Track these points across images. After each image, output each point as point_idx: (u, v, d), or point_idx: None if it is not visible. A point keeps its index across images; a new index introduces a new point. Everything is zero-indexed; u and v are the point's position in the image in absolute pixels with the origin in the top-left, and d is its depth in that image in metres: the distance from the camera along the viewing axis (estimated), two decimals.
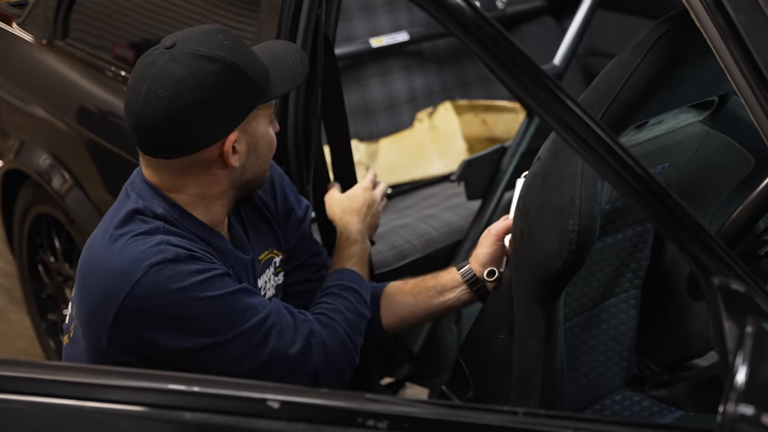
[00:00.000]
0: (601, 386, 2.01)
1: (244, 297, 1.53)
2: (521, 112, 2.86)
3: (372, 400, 1.05)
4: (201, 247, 1.53)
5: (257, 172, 1.61)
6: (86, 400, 1.05)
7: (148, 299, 1.45)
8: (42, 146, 2.63)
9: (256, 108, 1.54)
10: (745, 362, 0.90)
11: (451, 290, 1.80)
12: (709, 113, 1.74)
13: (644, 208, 1.03)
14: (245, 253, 1.66)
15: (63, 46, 2.58)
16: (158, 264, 1.45)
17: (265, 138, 1.59)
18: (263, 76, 1.54)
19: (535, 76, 1.03)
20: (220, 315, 1.49)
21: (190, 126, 1.48)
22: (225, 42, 1.51)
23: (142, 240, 1.48)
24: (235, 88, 1.49)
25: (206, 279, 1.48)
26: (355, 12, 2.95)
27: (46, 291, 2.94)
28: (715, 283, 0.99)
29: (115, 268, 1.47)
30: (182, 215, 1.55)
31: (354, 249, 1.85)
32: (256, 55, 1.56)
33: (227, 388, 1.07)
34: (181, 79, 1.46)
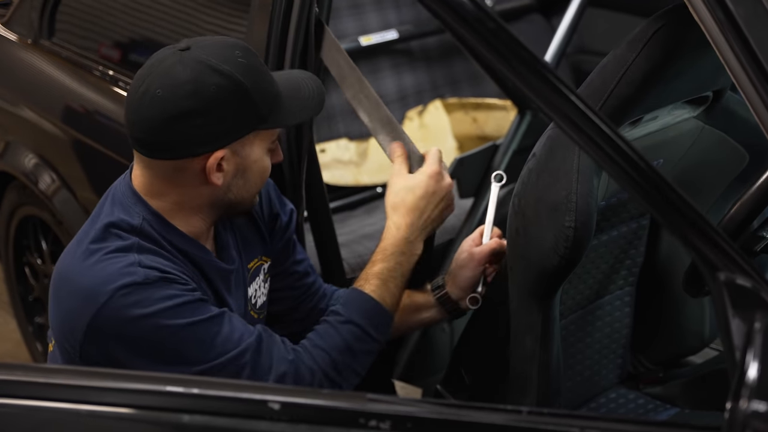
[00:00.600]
0: (596, 384, 2.00)
1: (217, 327, 1.47)
2: (512, 109, 2.85)
3: (374, 400, 1.03)
4: (177, 267, 1.49)
5: (243, 196, 1.55)
6: (81, 403, 1.03)
7: (113, 324, 1.42)
8: (28, 147, 2.60)
9: (254, 132, 1.49)
10: (756, 358, 0.89)
11: (426, 310, 1.80)
12: (704, 109, 1.74)
13: (647, 202, 1.02)
14: (230, 263, 1.63)
15: (49, 46, 2.55)
16: (126, 287, 1.42)
17: (258, 164, 1.53)
18: (270, 101, 1.49)
19: (536, 69, 1.01)
20: (187, 345, 1.45)
21: (177, 132, 1.45)
22: (239, 59, 1.47)
23: (114, 259, 1.45)
24: (234, 107, 1.45)
25: (176, 306, 1.43)
26: (343, 10, 2.94)
27: (33, 294, 2.91)
28: (721, 279, 0.98)
29: (83, 287, 1.44)
30: (162, 224, 1.52)
31: (384, 265, 1.64)
32: (271, 80, 1.51)
33: (227, 389, 1.06)
34: (181, 84, 1.43)
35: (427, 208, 1.66)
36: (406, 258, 1.65)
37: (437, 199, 1.67)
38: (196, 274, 1.55)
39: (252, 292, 1.71)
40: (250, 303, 1.71)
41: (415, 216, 1.65)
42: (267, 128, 1.50)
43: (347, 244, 2.38)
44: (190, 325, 1.44)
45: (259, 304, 1.74)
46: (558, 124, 1.02)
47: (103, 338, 1.44)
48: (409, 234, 1.65)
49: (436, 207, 1.67)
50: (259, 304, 1.74)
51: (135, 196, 1.52)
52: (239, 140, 1.48)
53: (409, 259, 1.66)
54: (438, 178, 1.66)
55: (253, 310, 1.72)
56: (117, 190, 1.55)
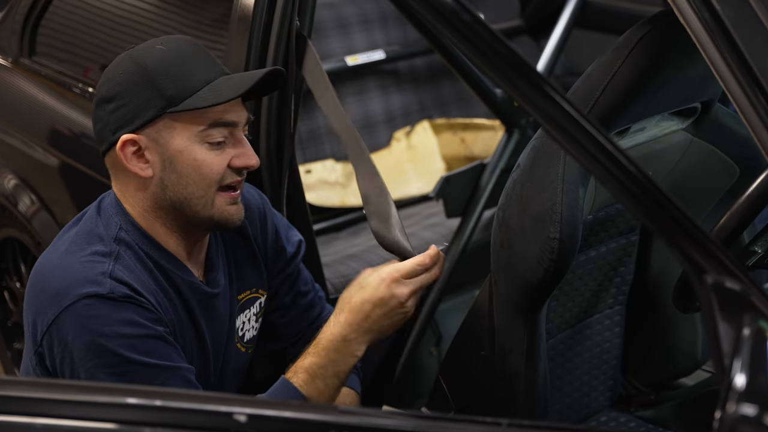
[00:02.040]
0: (586, 406, 1.95)
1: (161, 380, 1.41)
2: (500, 129, 2.82)
3: (346, 412, 0.98)
4: (149, 287, 1.46)
5: (183, 194, 1.48)
6: (36, 416, 0.97)
7: (68, 329, 1.40)
8: (7, 168, 2.56)
9: (169, 117, 1.45)
10: (745, 362, 0.84)
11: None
12: (693, 121, 1.70)
13: (632, 204, 0.97)
14: (213, 287, 1.59)
15: (29, 64, 2.51)
16: (89, 297, 1.40)
17: (185, 155, 1.46)
18: (183, 85, 1.45)
19: (515, 63, 0.98)
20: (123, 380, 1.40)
21: (97, 120, 1.50)
22: (158, 46, 1.50)
23: (88, 263, 1.44)
24: (138, 89, 1.45)
25: (131, 336, 1.40)
26: (330, 30, 2.92)
27: (12, 318, 2.84)
28: (709, 282, 0.94)
29: (53, 287, 1.43)
30: (139, 235, 1.51)
31: (314, 360, 1.50)
32: (198, 67, 1.47)
33: (191, 401, 1.00)
34: (102, 76, 1.50)
35: (372, 312, 1.48)
36: (341, 357, 1.49)
37: (386, 308, 1.48)
38: (170, 292, 1.52)
39: (240, 324, 1.67)
40: (237, 335, 1.67)
41: (358, 317, 1.48)
42: (178, 111, 1.45)
43: (331, 264, 2.34)
44: (134, 364, 1.41)
45: (247, 338, 1.70)
46: (537, 118, 0.98)
47: (58, 340, 1.41)
48: (347, 333, 1.49)
49: (385, 315, 1.48)
50: (248, 337, 1.70)
51: (117, 206, 1.52)
52: (151, 125, 1.46)
53: (345, 359, 1.49)
54: (391, 284, 1.47)
55: (240, 343, 1.68)
56: (106, 197, 1.56)
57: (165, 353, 1.44)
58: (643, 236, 1.88)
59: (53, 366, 1.44)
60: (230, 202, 1.51)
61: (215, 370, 1.62)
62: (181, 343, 1.51)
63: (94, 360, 1.39)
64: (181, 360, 1.47)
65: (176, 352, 1.47)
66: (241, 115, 1.51)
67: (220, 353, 1.63)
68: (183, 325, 1.53)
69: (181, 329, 1.53)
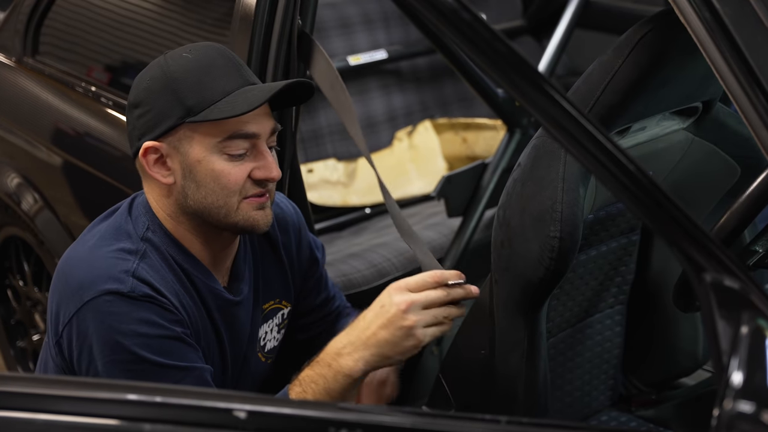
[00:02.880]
0: (587, 406, 1.95)
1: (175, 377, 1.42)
2: (502, 129, 2.82)
3: (345, 408, 0.98)
4: (172, 288, 1.47)
5: (203, 204, 1.47)
6: (36, 412, 0.97)
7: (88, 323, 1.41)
8: (10, 166, 2.57)
9: (188, 127, 1.45)
10: (742, 360, 0.85)
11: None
12: (694, 120, 1.70)
13: (630, 201, 0.97)
14: (236, 295, 1.59)
15: (33, 64, 2.52)
16: (110, 294, 1.40)
17: (204, 165, 1.45)
18: (203, 95, 1.44)
19: (515, 62, 0.98)
20: (138, 376, 1.41)
21: (128, 124, 1.52)
22: (185, 54, 1.49)
23: (113, 259, 1.45)
24: (160, 97, 1.46)
25: (149, 336, 1.41)
26: (332, 30, 2.92)
27: (15, 317, 2.85)
28: (707, 280, 0.94)
29: (77, 279, 1.44)
30: (165, 237, 1.52)
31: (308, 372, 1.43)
32: (220, 77, 1.46)
33: (190, 397, 1.00)
34: (134, 80, 1.52)
35: (372, 323, 1.37)
36: (332, 373, 1.39)
37: (384, 317, 1.36)
38: (193, 296, 1.52)
39: (262, 334, 1.67)
40: (258, 344, 1.68)
41: (356, 329, 1.40)
42: (196, 121, 1.44)
43: (333, 263, 2.34)
44: (149, 363, 1.41)
45: (268, 348, 1.70)
46: (534, 114, 0.98)
47: (77, 333, 1.42)
48: (341, 347, 1.40)
49: (384, 327, 1.36)
50: (269, 347, 1.71)
51: (146, 207, 1.54)
52: (172, 134, 1.46)
53: (336, 377, 1.39)
54: (393, 292, 1.38)
55: (261, 353, 1.69)
56: (138, 196, 1.58)
57: (182, 354, 1.44)
58: (644, 236, 1.88)
59: (71, 358, 1.44)
60: (256, 207, 1.49)
61: (233, 377, 1.63)
62: (202, 347, 1.51)
63: (110, 356, 1.40)
64: (198, 360, 1.47)
65: (195, 353, 1.47)
66: (264, 126, 1.48)
67: (239, 361, 1.63)
68: (205, 329, 1.54)
69: (204, 333, 1.53)
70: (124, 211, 1.54)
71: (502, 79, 1.02)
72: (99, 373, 1.40)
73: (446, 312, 1.40)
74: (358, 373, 1.39)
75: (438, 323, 1.39)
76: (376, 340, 1.37)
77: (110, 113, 2.27)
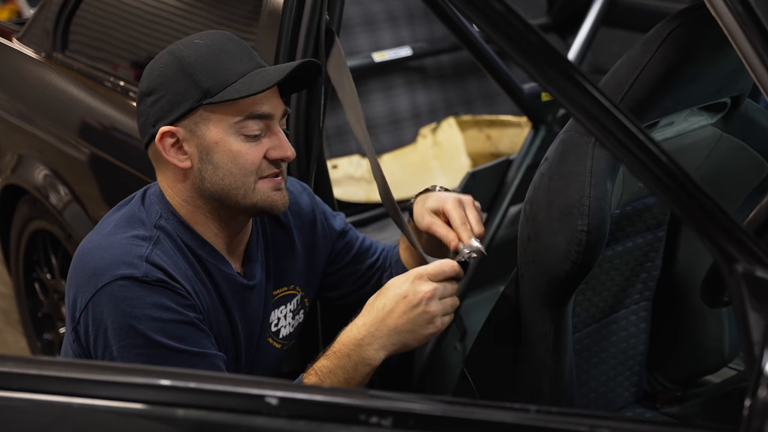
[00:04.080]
0: (611, 402, 1.95)
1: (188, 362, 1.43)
2: (526, 126, 2.82)
3: (375, 396, 0.99)
4: (185, 274, 1.49)
5: (220, 185, 1.50)
6: (73, 396, 0.99)
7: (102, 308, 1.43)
8: (40, 160, 2.59)
9: (205, 108, 1.47)
10: None
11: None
12: (722, 116, 1.70)
13: (661, 191, 0.98)
14: (249, 279, 1.61)
15: (62, 59, 2.55)
16: (124, 279, 1.42)
17: (221, 146, 1.48)
18: (218, 77, 1.46)
19: (547, 53, 0.98)
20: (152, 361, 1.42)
21: (140, 114, 1.53)
22: (195, 41, 1.52)
23: (129, 245, 1.47)
24: (175, 81, 1.48)
25: (162, 320, 1.42)
26: (357, 27, 2.93)
27: (42, 309, 2.88)
28: (739, 271, 0.94)
29: (92, 265, 1.46)
30: (178, 224, 1.53)
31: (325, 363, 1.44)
32: (233, 60, 1.48)
33: (223, 383, 1.01)
34: (144, 71, 1.54)
35: (393, 311, 1.40)
36: (352, 364, 1.41)
37: (407, 306, 1.39)
38: (206, 282, 1.54)
39: (274, 319, 1.68)
40: (271, 330, 1.69)
41: (377, 318, 1.41)
42: (214, 102, 1.46)
43: None
44: (163, 347, 1.42)
45: (282, 334, 1.71)
46: (567, 109, 0.99)
47: (93, 318, 1.44)
48: (362, 336, 1.41)
49: (405, 316, 1.39)
50: (283, 334, 1.72)
51: (159, 196, 1.55)
52: (188, 117, 1.48)
53: (357, 366, 1.41)
54: (416, 281, 1.40)
55: (274, 339, 1.70)
56: (151, 187, 1.59)
57: (195, 339, 1.45)
58: (670, 232, 1.87)
59: (87, 344, 1.46)
60: (274, 188, 1.52)
61: (246, 363, 1.64)
62: (215, 333, 1.53)
63: (125, 340, 1.41)
64: (211, 347, 1.48)
65: (208, 339, 1.48)
66: (277, 107, 1.52)
67: (252, 347, 1.64)
68: (218, 315, 1.55)
69: (216, 319, 1.55)
70: (138, 201, 1.57)
71: (535, 69, 1.02)
72: (114, 358, 1.42)
73: (456, 302, 1.45)
74: (378, 362, 1.42)
75: (450, 314, 1.45)
76: (398, 328, 1.40)
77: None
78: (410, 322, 1.40)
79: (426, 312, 1.40)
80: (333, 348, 1.45)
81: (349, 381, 1.42)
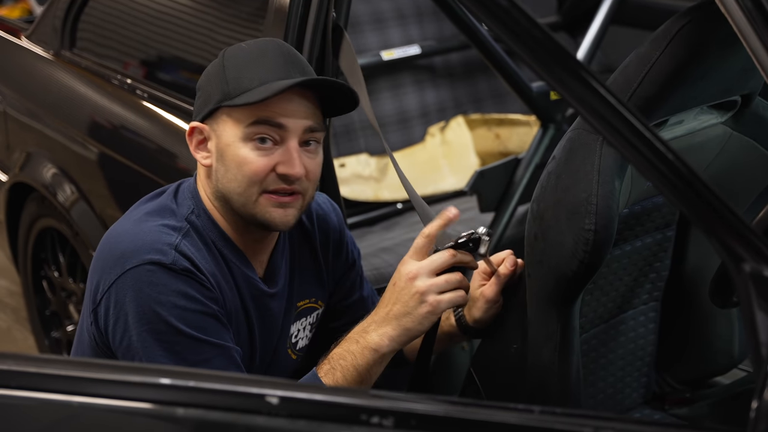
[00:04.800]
0: (619, 403, 1.93)
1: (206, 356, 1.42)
2: (535, 125, 2.80)
3: (377, 396, 0.98)
4: (212, 269, 1.49)
5: (227, 188, 1.49)
6: (72, 394, 0.98)
7: (126, 291, 1.43)
8: (47, 158, 2.59)
9: (225, 111, 1.48)
10: None
11: (458, 336, 1.71)
12: (732, 114, 1.68)
13: (667, 189, 0.96)
14: (271, 287, 1.60)
15: (70, 57, 2.55)
16: (152, 264, 1.42)
17: (231, 150, 1.47)
18: (240, 82, 1.46)
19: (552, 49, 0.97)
20: (169, 350, 1.41)
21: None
22: (242, 45, 1.54)
23: (158, 233, 1.47)
24: (210, 82, 1.51)
25: (185, 309, 1.42)
26: (366, 25, 2.92)
27: (50, 307, 2.88)
28: (746, 270, 0.92)
29: (121, 248, 1.46)
30: (209, 222, 1.54)
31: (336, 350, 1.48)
32: (265, 67, 1.47)
33: (223, 382, 1.01)
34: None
35: (388, 299, 1.44)
36: (359, 349, 1.44)
37: (395, 289, 1.43)
38: (229, 282, 1.54)
39: (294, 331, 1.68)
40: (290, 340, 1.68)
41: (379, 306, 1.46)
42: (229, 106, 1.46)
43: (364, 257, 2.32)
44: (184, 336, 1.42)
45: (300, 346, 1.71)
46: (571, 103, 0.97)
47: (115, 301, 1.43)
48: (367, 324, 1.46)
49: (395, 297, 1.43)
50: (300, 345, 1.71)
51: (194, 191, 1.56)
52: (213, 117, 1.51)
53: (363, 352, 1.44)
54: (401, 266, 1.44)
55: (292, 350, 1.70)
56: (185, 181, 1.60)
57: (215, 331, 1.45)
58: (679, 231, 1.85)
59: (106, 327, 1.45)
60: (274, 205, 1.48)
61: (260, 369, 1.63)
62: (233, 332, 1.53)
63: (146, 325, 1.41)
64: (230, 341, 1.48)
65: (227, 333, 1.48)
66: (296, 121, 1.47)
67: (268, 354, 1.64)
68: (238, 315, 1.55)
69: (236, 319, 1.54)
70: (170, 194, 1.57)
71: (539, 66, 1.01)
72: (133, 342, 1.42)
73: (459, 277, 1.44)
74: (384, 348, 1.44)
75: (453, 289, 1.43)
76: (394, 314, 1.43)
77: (145, 106, 2.29)
78: (402, 305, 1.42)
79: (414, 291, 1.41)
80: (345, 336, 1.49)
81: (357, 367, 1.44)
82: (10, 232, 2.88)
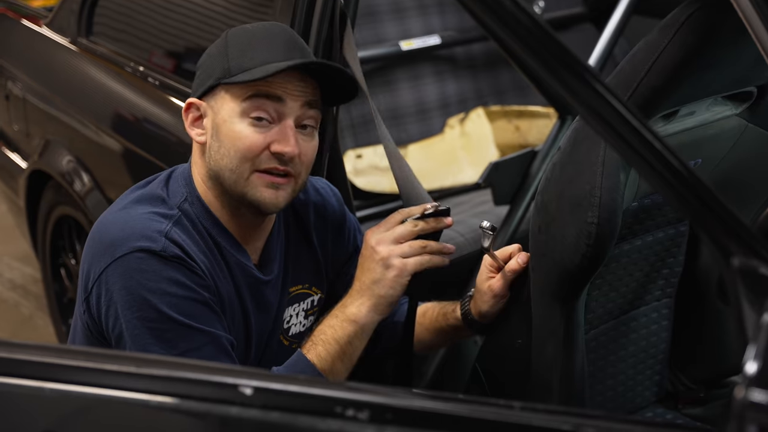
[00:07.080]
0: (630, 401, 1.89)
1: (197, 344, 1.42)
2: (555, 117, 2.75)
3: (352, 388, 0.95)
4: (203, 257, 1.48)
5: (219, 165, 1.49)
6: (44, 380, 0.97)
7: (116, 279, 1.42)
8: (64, 147, 2.60)
9: (223, 87, 1.49)
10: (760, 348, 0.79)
11: (464, 330, 1.70)
12: (748, 106, 1.63)
13: (657, 180, 0.92)
14: (266, 275, 1.59)
15: (86, 44, 2.55)
16: (142, 251, 1.41)
17: (227, 125, 1.48)
18: (242, 61, 1.47)
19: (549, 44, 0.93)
20: (159, 337, 1.41)
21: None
22: (247, 26, 1.55)
23: (148, 221, 1.46)
24: (211, 60, 1.52)
25: (176, 296, 1.41)
26: (385, 14, 2.89)
27: (68, 295, 2.90)
28: (735, 265, 0.88)
29: (110, 237, 1.45)
30: (202, 209, 1.53)
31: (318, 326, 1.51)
32: (267, 48, 1.48)
33: (196, 371, 0.99)
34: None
35: (360, 271, 1.48)
36: (338, 322, 1.48)
37: (364, 258, 1.48)
38: (223, 270, 1.53)
39: (286, 316, 1.67)
40: (282, 327, 1.67)
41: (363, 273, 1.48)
42: (229, 82, 1.47)
43: None
44: (174, 323, 1.41)
45: (292, 332, 1.69)
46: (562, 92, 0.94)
47: (106, 289, 1.43)
48: (345, 298, 1.50)
49: (363, 267, 1.47)
50: (293, 332, 1.70)
51: (187, 178, 1.55)
52: (211, 94, 1.51)
53: (342, 324, 1.47)
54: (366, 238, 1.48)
55: (284, 336, 1.68)
56: (178, 168, 1.60)
57: (206, 319, 1.44)
58: (692, 227, 1.81)
59: (99, 315, 1.46)
60: (266, 185, 1.48)
61: (255, 357, 1.62)
62: (228, 321, 1.52)
63: (136, 312, 1.41)
64: (221, 329, 1.47)
65: (219, 321, 1.47)
66: (293, 97, 1.47)
67: (263, 341, 1.63)
68: (232, 303, 1.54)
69: (231, 307, 1.53)
70: (161, 181, 1.56)
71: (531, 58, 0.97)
72: (123, 330, 1.41)
73: (423, 243, 1.47)
74: (362, 319, 1.47)
75: (419, 254, 1.46)
76: (366, 284, 1.47)
77: (159, 93, 2.28)
78: (370, 272, 1.46)
79: (378, 258, 1.45)
80: (326, 314, 1.52)
81: (337, 339, 1.47)
82: (30, 219, 2.90)
